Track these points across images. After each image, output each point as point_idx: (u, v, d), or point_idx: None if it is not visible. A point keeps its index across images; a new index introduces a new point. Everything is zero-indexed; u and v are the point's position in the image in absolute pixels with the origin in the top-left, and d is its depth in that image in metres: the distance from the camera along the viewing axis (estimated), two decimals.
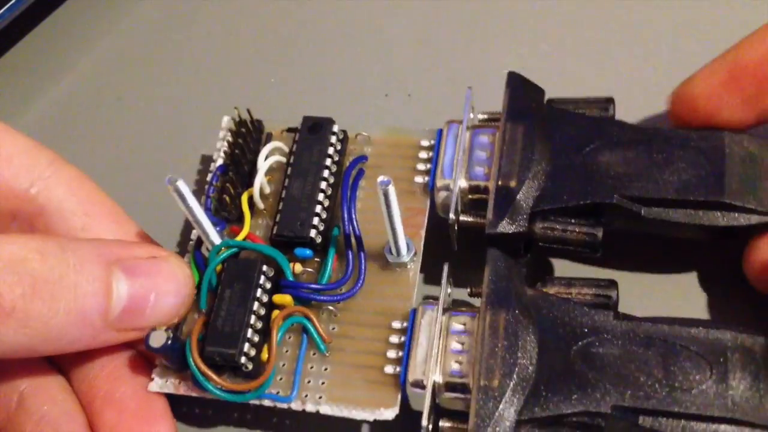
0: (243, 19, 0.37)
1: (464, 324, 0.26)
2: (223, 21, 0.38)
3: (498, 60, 0.29)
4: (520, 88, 0.29)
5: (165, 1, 0.38)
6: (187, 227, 0.32)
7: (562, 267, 0.30)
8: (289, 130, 0.30)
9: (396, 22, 0.36)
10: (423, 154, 0.30)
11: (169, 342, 0.25)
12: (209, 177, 0.30)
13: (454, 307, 0.27)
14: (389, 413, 0.25)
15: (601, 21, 0.35)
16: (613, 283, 0.26)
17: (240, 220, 0.29)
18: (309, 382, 0.26)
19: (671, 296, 0.29)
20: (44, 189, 0.28)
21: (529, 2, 0.36)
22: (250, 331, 0.26)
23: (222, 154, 0.30)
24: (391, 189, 0.24)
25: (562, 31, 0.35)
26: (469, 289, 0.27)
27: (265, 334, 0.27)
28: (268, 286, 0.27)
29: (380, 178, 0.24)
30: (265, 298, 0.27)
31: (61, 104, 0.36)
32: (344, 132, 0.30)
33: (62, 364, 0.28)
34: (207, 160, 0.34)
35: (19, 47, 0.37)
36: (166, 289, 0.26)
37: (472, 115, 0.29)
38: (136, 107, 0.36)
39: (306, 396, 0.26)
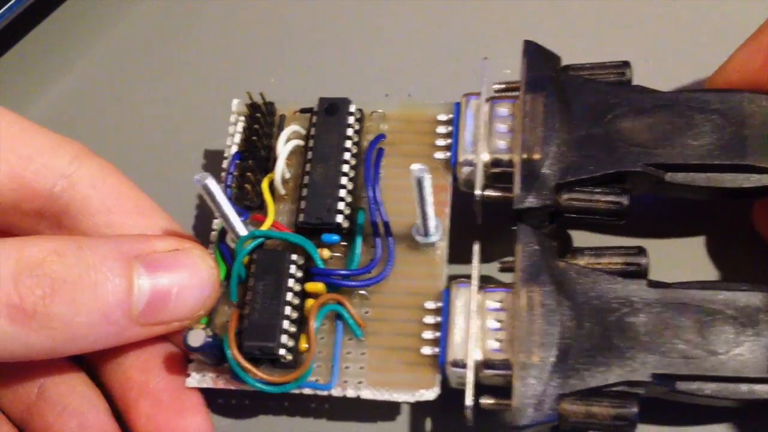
0: (239, 16, 0.37)
1: (500, 301, 0.26)
2: (219, 20, 0.37)
3: (499, 59, 0.29)
4: (537, 57, 0.28)
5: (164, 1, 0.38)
6: (200, 221, 0.32)
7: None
8: (303, 110, 0.30)
9: (396, 21, 0.36)
10: (441, 129, 0.29)
11: (209, 340, 0.25)
12: (225, 165, 0.29)
13: (486, 284, 0.27)
14: (430, 394, 0.26)
15: None
16: (642, 251, 0.26)
17: (261, 207, 0.29)
18: (347, 368, 0.26)
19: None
20: (68, 187, 0.27)
21: (533, 3, 0.35)
22: (286, 323, 0.26)
23: (237, 141, 0.30)
24: (427, 176, 0.24)
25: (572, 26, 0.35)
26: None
27: (301, 323, 0.26)
28: (300, 275, 0.27)
29: (414, 166, 0.24)
30: (297, 288, 0.27)
31: (61, 104, 0.36)
32: (360, 111, 0.29)
33: (93, 355, 0.28)
34: (211, 152, 0.33)
35: (19, 47, 0.37)
36: (189, 283, 0.26)
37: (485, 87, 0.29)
38: (136, 105, 0.35)
39: (346, 382, 0.26)
